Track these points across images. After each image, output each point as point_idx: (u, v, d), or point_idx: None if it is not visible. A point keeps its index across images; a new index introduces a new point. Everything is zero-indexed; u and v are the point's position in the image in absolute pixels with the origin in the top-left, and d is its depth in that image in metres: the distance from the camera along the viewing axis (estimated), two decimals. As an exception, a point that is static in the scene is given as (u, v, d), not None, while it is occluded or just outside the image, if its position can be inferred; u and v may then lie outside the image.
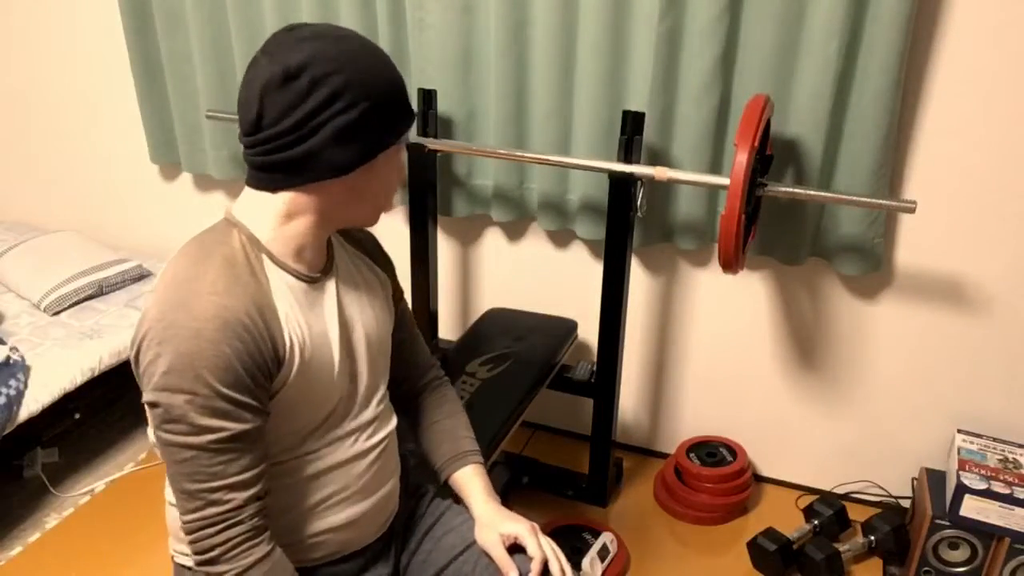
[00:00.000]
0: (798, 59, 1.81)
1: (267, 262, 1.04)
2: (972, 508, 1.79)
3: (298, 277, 1.07)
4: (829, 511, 2.05)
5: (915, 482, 2.09)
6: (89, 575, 1.95)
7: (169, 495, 1.16)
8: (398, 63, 2.13)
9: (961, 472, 1.82)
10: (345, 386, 1.13)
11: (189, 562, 1.16)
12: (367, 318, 1.17)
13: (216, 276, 0.97)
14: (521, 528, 1.20)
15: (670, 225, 2.07)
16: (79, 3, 2.53)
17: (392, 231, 2.37)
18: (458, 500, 1.31)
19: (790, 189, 1.78)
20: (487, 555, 1.22)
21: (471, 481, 1.27)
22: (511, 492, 2.21)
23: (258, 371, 0.98)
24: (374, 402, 1.19)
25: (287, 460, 1.11)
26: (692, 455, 2.20)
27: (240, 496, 0.98)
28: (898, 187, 1.91)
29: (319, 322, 1.09)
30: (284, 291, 1.05)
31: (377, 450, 1.19)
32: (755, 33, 1.82)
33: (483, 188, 2.21)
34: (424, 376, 1.37)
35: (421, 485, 1.38)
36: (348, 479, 1.16)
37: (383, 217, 1.18)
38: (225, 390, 0.94)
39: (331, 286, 1.12)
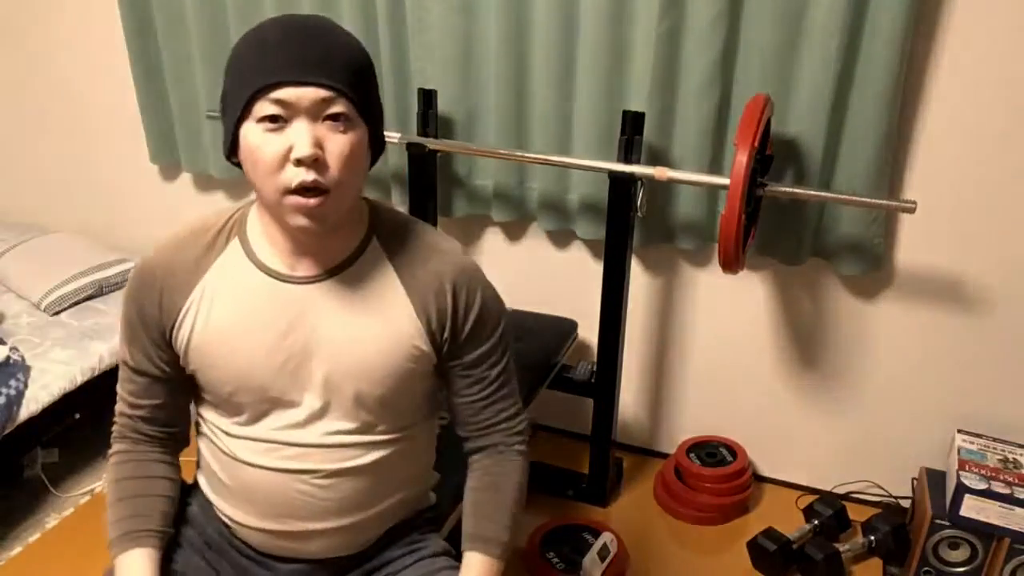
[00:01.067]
0: (798, 59, 1.81)
1: (235, 244, 1.09)
2: (972, 508, 1.79)
3: (264, 271, 1.07)
4: (829, 511, 2.05)
5: (915, 482, 2.09)
6: (89, 575, 1.95)
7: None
8: (398, 63, 2.13)
9: (961, 472, 1.82)
10: (263, 395, 1.09)
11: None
12: (355, 346, 1.08)
13: (174, 238, 1.12)
14: None
15: (670, 225, 2.07)
16: (79, 4, 2.53)
17: (392, 231, 2.37)
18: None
19: (790, 189, 1.78)
20: None
21: (466, 570, 1.15)
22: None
23: (149, 322, 1.10)
24: (322, 429, 1.10)
25: (211, 425, 1.16)
26: (692, 455, 2.20)
27: (120, 407, 1.18)
28: (898, 187, 1.91)
29: (256, 321, 1.07)
30: (229, 275, 1.08)
31: (304, 478, 1.10)
32: (755, 33, 1.82)
33: (483, 188, 2.21)
34: (484, 438, 1.20)
35: (425, 537, 1.27)
36: (252, 484, 1.12)
37: None
38: (124, 321, 1.13)
39: (310, 294, 1.07)
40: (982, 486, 1.78)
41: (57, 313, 2.35)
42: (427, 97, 2.06)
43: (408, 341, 1.09)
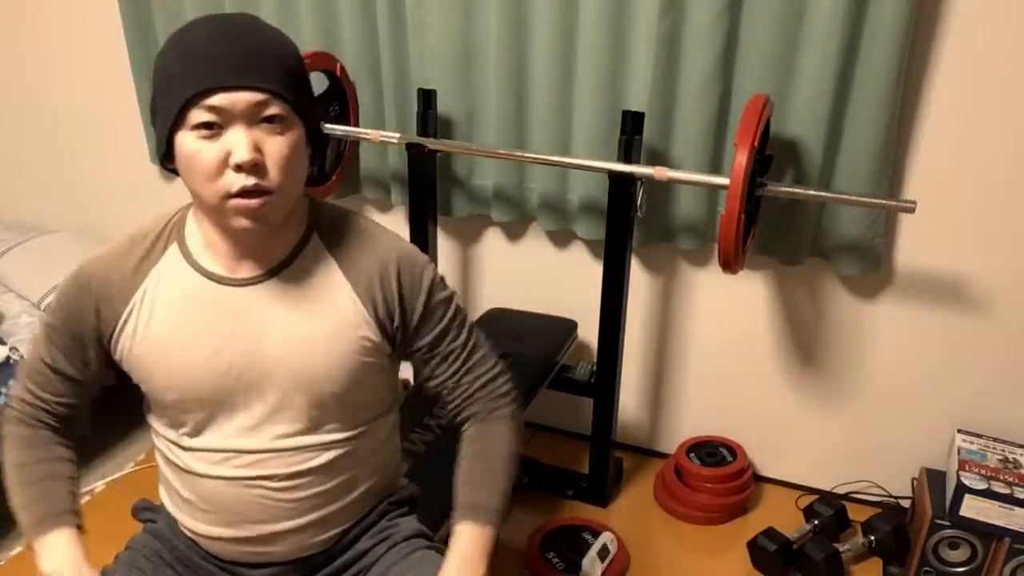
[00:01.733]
0: (798, 59, 1.81)
1: (173, 249, 1.08)
2: (972, 508, 1.79)
3: (204, 274, 1.06)
4: (829, 511, 2.05)
5: (915, 482, 2.09)
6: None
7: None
8: (398, 63, 2.13)
9: (961, 472, 1.82)
10: (209, 401, 1.07)
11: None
12: (303, 345, 1.06)
13: (110, 248, 1.11)
14: None
15: (670, 225, 2.07)
16: (79, 3, 2.53)
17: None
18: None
19: (790, 189, 1.78)
20: None
21: (456, 539, 1.13)
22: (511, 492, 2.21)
23: (83, 329, 1.09)
24: (275, 433, 1.08)
25: (163, 439, 1.14)
26: (692, 455, 2.20)
27: (22, 395, 1.16)
28: (898, 187, 1.91)
29: (198, 325, 1.05)
30: (169, 280, 1.07)
31: (261, 483, 1.09)
32: (755, 33, 1.82)
33: (483, 188, 2.21)
34: (467, 409, 1.19)
35: (395, 523, 1.24)
36: (210, 495, 1.11)
37: (382, 218, 1.16)
38: (49, 326, 1.12)
39: (253, 295, 1.06)
40: (982, 486, 1.78)
41: (57, 313, 2.35)
42: (427, 97, 2.06)
43: (357, 333, 1.08)
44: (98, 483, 2.25)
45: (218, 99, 0.94)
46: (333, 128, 2.10)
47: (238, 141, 0.95)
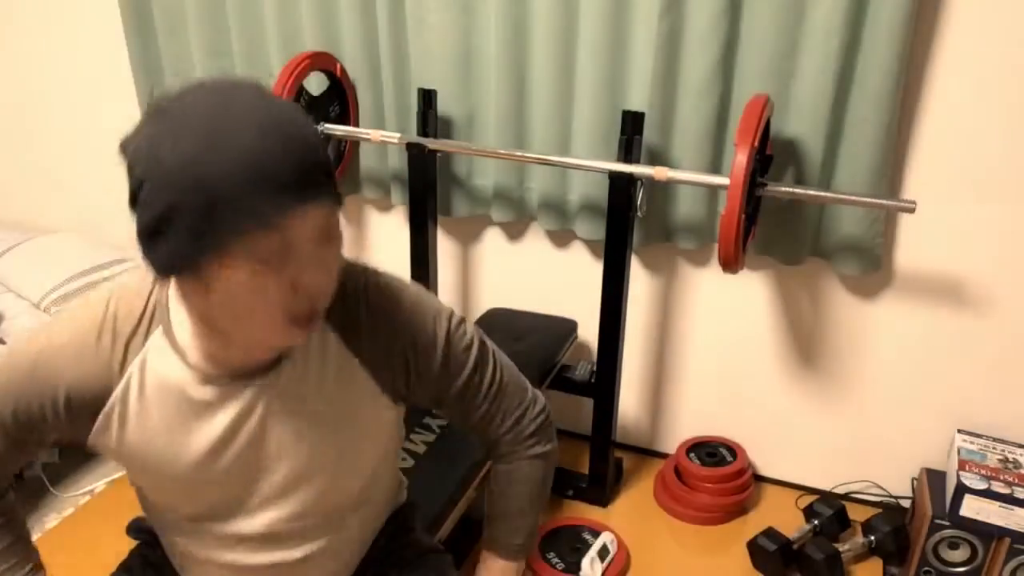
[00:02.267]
0: (798, 59, 1.81)
1: (157, 337, 0.91)
2: (972, 508, 1.79)
3: (196, 370, 0.91)
4: (829, 511, 2.05)
5: (915, 482, 2.09)
6: (89, 574, 1.95)
7: None
8: (398, 63, 2.13)
9: (961, 472, 1.82)
10: (210, 500, 0.99)
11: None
12: (315, 441, 0.97)
13: (75, 328, 0.92)
14: None
15: (670, 225, 2.07)
16: (79, 3, 2.53)
17: (392, 231, 2.37)
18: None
19: (790, 189, 1.78)
20: None
21: (481, 566, 1.21)
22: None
23: (38, 419, 0.94)
24: (276, 519, 1.00)
25: (159, 520, 1.08)
26: (692, 455, 2.20)
27: None
28: (898, 187, 1.91)
29: (193, 426, 0.93)
30: (156, 373, 0.91)
31: (273, 567, 1.04)
32: (755, 33, 1.82)
33: (483, 188, 2.21)
34: (494, 448, 1.16)
35: (403, 545, 1.24)
36: (214, 574, 1.06)
37: (382, 217, 1.14)
38: None
39: (254, 391, 0.93)
40: (982, 486, 1.78)
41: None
42: (427, 97, 2.06)
43: (369, 413, 1.00)
44: (98, 483, 2.25)
45: (291, 219, 0.73)
46: (333, 128, 2.10)
47: (313, 274, 0.77)
